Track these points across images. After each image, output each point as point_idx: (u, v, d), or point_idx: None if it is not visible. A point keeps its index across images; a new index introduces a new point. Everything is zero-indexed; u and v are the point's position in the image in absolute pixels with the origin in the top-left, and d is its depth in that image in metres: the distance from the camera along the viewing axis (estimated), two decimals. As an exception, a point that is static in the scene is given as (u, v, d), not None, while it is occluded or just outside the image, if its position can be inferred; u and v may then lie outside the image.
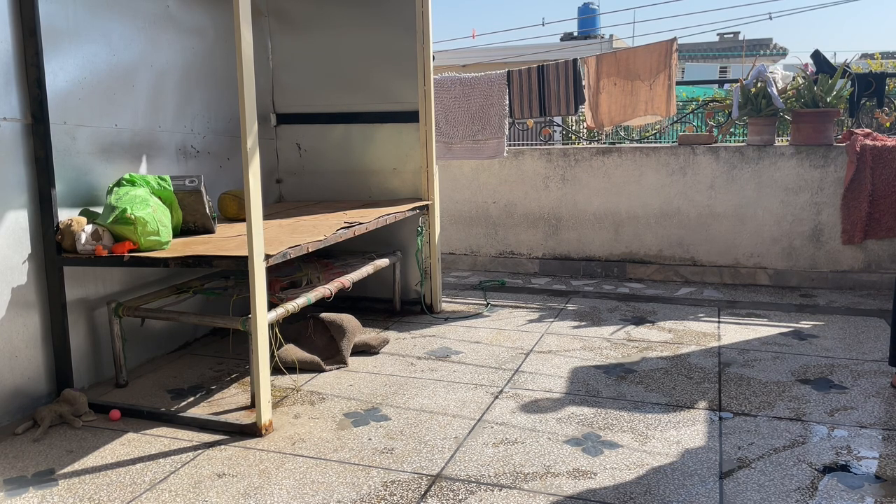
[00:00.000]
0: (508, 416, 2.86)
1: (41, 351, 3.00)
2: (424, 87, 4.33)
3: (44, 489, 2.33)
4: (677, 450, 2.55)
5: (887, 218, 4.85)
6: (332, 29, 4.53)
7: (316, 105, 4.64)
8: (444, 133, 5.54)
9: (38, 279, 2.96)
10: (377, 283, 4.48)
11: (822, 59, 5.20)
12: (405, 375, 3.37)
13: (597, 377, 3.31)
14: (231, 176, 4.21)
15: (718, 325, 4.16)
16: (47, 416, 2.78)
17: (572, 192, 5.69)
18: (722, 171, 5.27)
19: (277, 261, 2.76)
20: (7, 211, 2.83)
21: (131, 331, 3.35)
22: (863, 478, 2.32)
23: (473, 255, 6.03)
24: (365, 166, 4.61)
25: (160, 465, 2.49)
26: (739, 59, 24.64)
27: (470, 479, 2.36)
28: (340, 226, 3.40)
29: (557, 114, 5.58)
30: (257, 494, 2.28)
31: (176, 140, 3.81)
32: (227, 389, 3.23)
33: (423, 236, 4.45)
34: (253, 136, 2.59)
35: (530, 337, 3.97)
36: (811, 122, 5.05)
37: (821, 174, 5.05)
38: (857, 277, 5.04)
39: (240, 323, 2.87)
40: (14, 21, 2.83)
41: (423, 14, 4.26)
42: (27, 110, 2.89)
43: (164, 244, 2.99)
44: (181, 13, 3.82)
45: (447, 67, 10.32)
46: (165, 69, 3.72)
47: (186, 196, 3.31)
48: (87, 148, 3.23)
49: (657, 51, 5.36)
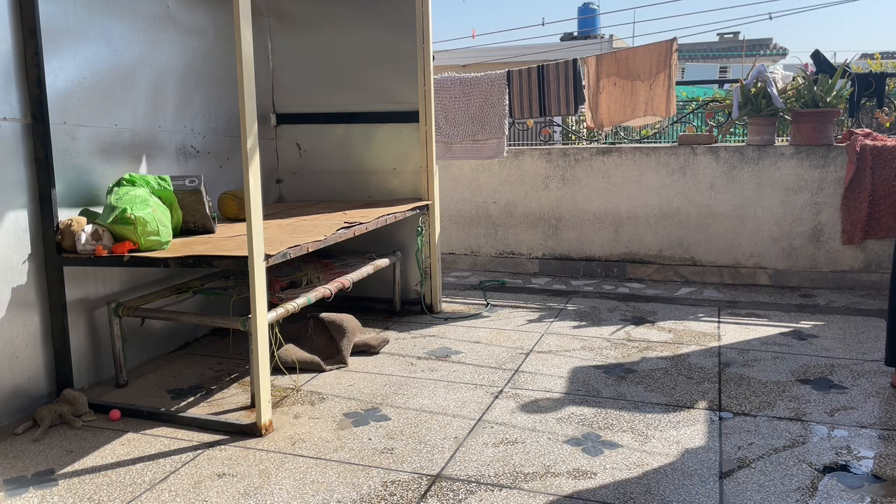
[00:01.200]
0: (508, 416, 2.86)
1: (41, 351, 3.00)
2: (424, 87, 4.33)
3: (44, 489, 2.33)
4: (677, 450, 2.55)
5: (887, 218, 4.85)
6: (332, 29, 4.53)
7: (316, 105, 4.64)
8: (444, 133, 5.54)
9: (38, 279, 2.96)
10: (377, 283, 4.48)
11: (822, 59, 5.21)
12: (405, 375, 3.37)
13: (597, 377, 3.31)
14: (231, 176, 4.21)
15: (718, 325, 4.16)
16: (47, 416, 2.78)
17: (572, 192, 5.69)
18: (722, 171, 5.27)
19: (277, 261, 2.76)
20: (7, 211, 2.83)
21: (131, 331, 3.35)
22: (863, 478, 2.32)
23: (473, 255, 6.04)
24: (365, 166, 4.61)
25: (160, 465, 2.49)
26: (739, 59, 24.64)
27: (470, 479, 2.36)
28: (340, 226, 3.40)
29: (557, 114, 5.58)
30: (257, 494, 2.28)
31: (176, 140, 3.81)
32: (227, 389, 3.23)
33: (423, 236, 4.45)
34: (253, 136, 2.59)
35: (530, 337, 3.97)
36: (811, 122, 5.05)
37: (821, 174, 5.05)
38: (857, 277, 5.04)
39: (240, 323, 2.87)
40: (14, 21, 2.83)
41: (423, 14, 4.26)
42: (27, 110, 2.89)
43: (164, 244, 2.99)
44: (181, 13, 3.82)
45: (447, 67, 10.32)
46: (165, 69, 3.72)
47: (186, 196, 3.31)
48: (87, 148, 3.23)
49: (657, 51, 5.37)
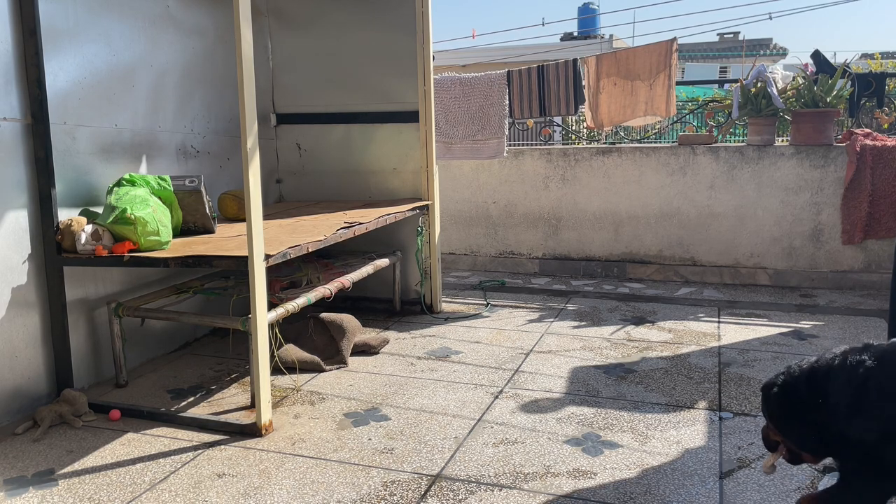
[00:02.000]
0: (508, 416, 2.86)
1: (41, 351, 3.00)
2: (424, 87, 4.33)
3: (44, 489, 2.33)
4: (677, 450, 2.55)
5: (887, 218, 4.85)
6: (332, 29, 4.53)
7: (316, 105, 4.64)
8: (444, 133, 5.54)
9: (38, 279, 2.96)
10: (377, 283, 4.48)
11: (822, 59, 5.21)
12: (405, 375, 3.37)
13: (597, 377, 3.31)
14: (231, 176, 4.21)
15: (718, 325, 4.16)
16: (47, 416, 2.78)
17: (572, 192, 5.69)
18: (722, 171, 5.27)
19: (277, 261, 2.76)
20: (7, 211, 2.83)
21: (131, 331, 3.35)
22: (863, 478, 2.32)
23: (473, 255, 6.04)
24: (365, 166, 4.61)
25: (160, 465, 2.49)
26: (739, 59, 24.63)
27: (470, 479, 2.36)
28: (340, 226, 3.40)
29: (557, 114, 5.58)
30: (257, 494, 2.28)
31: (176, 140, 3.81)
32: (227, 389, 3.23)
33: (423, 236, 4.45)
34: (253, 136, 2.59)
35: (530, 337, 3.97)
36: (811, 122, 5.05)
37: (821, 174, 5.05)
38: (857, 277, 5.04)
39: (240, 323, 2.87)
40: (14, 21, 2.83)
41: (423, 14, 4.26)
42: (27, 110, 2.89)
43: (164, 244, 2.99)
44: (181, 13, 3.82)
45: (447, 67, 10.31)
46: (165, 69, 3.72)
47: (186, 196, 3.31)
48: (87, 148, 3.23)
49: (657, 51, 5.36)
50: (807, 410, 1.83)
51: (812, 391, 1.82)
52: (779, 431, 1.93)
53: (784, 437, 1.92)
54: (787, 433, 1.90)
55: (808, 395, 1.82)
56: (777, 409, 1.91)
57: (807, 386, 1.83)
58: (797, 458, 1.93)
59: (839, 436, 1.76)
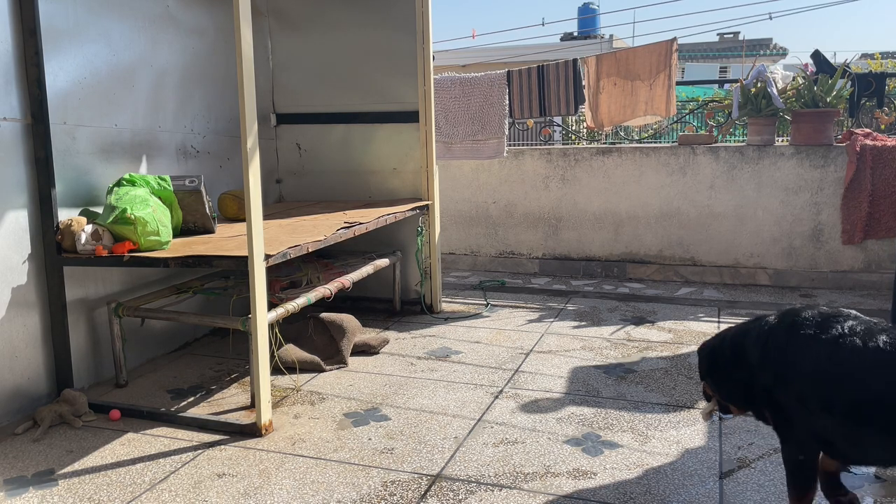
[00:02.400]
0: (508, 416, 2.86)
1: (41, 351, 3.00)
2: (424, 87, 4.33)
3: (44, 489, 2.33)
4: (677, 450, 2.55)
5: (887, 218, 4.85)
6: (332, 29, 4.53)
7: (316, 105, 4.64)
8: (444, 133, 5.54)
9: (38, 279, 2.96)
10: (377, 283, 4.48)
11: (822, 59, 5.21)
12: (405, 375, 3.37)
13: (597, 377, 3.31)
14: (231, 176, 4.21)
15: (718, 325, 4.16)
16: (47, 416, 2.78)
17: (572, 192, 5.69)
18: (722, 171, 5.27)
19: (277, 261, 2.76)
20: (7, 211, 2.83)
21: (131, 331, 3.35)
22: (863, 477, 2.32)
23: (473, 255, 6.04)
24: (365, 166, 4.61)
25: (160, 465, 2.49)
26: (739, 59, 24.63)
27: (470, 479, 2.36)
28: (340, 226, 3.40)
29: (557, 114, 5.58)
30: (257, 494, 2.28)
31: (176, 140, 3.81)
32: (227, 389, 3.23)
33: (423, 236, 4.45)
34: (253, 136, 2.59)
35: (530, 337, 3.97)
36: (811, 122, 5.05)
37: (821, 174, 5.05)
38: (857, 277, 5.04)
39: (240, 323, 2.87)
40: (14, 21, 2.83)
41: (423, 14, 4.26)
42: (27, 110, 2.89)
43: (164, 244, 2.99)
44: (181, 13, 3.82)
45: (447, 67, 10.31)
46: (165, 69, 3.72)
47: (186, 196, 3.31)
48: (87, 148, 3.23)
49: (657, 51, 5.36)
50: (732, 369, 2.07)
51: (734, 352, 2.05)
52: (711, 387, 2.19)
53: (714, 392, 2.18)
54: (717, 389, 2.16)
55: (731, 356, 2.06)
56: (707, 368, 2.18)
57: (731, 348, 2.07)
58: (726, 409, 2.18)
59: (760, 390, 1.97)
